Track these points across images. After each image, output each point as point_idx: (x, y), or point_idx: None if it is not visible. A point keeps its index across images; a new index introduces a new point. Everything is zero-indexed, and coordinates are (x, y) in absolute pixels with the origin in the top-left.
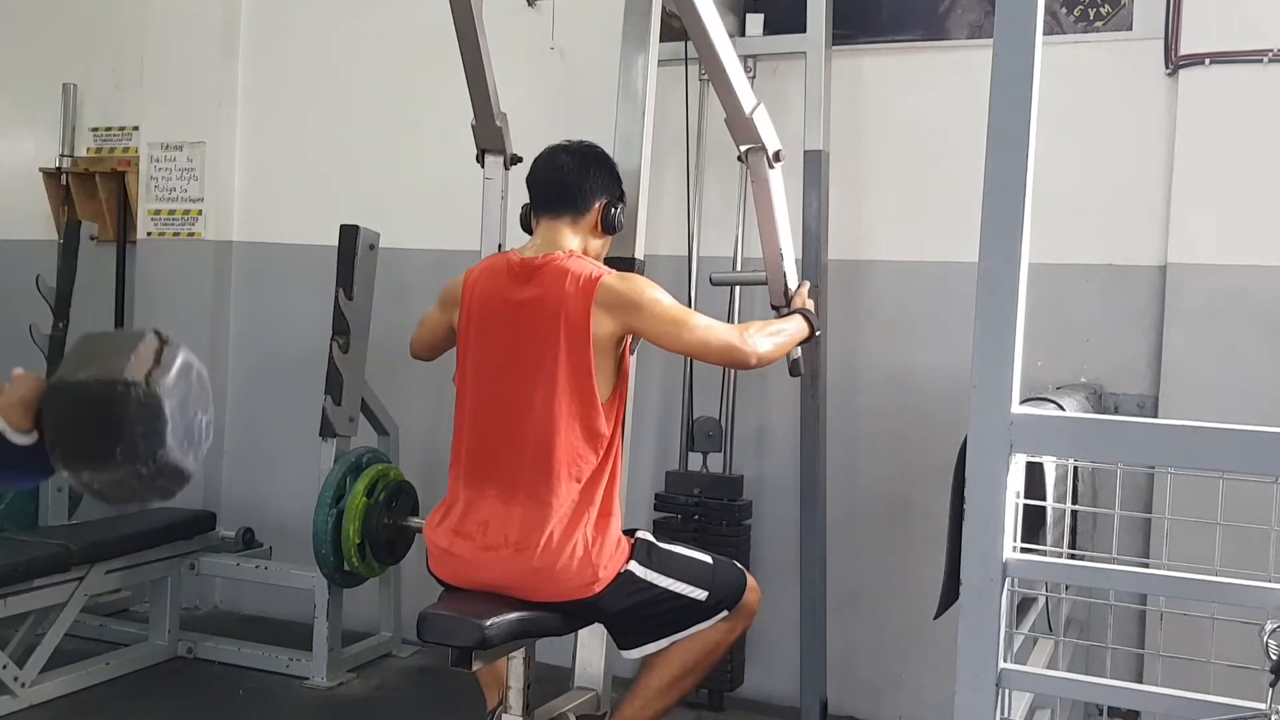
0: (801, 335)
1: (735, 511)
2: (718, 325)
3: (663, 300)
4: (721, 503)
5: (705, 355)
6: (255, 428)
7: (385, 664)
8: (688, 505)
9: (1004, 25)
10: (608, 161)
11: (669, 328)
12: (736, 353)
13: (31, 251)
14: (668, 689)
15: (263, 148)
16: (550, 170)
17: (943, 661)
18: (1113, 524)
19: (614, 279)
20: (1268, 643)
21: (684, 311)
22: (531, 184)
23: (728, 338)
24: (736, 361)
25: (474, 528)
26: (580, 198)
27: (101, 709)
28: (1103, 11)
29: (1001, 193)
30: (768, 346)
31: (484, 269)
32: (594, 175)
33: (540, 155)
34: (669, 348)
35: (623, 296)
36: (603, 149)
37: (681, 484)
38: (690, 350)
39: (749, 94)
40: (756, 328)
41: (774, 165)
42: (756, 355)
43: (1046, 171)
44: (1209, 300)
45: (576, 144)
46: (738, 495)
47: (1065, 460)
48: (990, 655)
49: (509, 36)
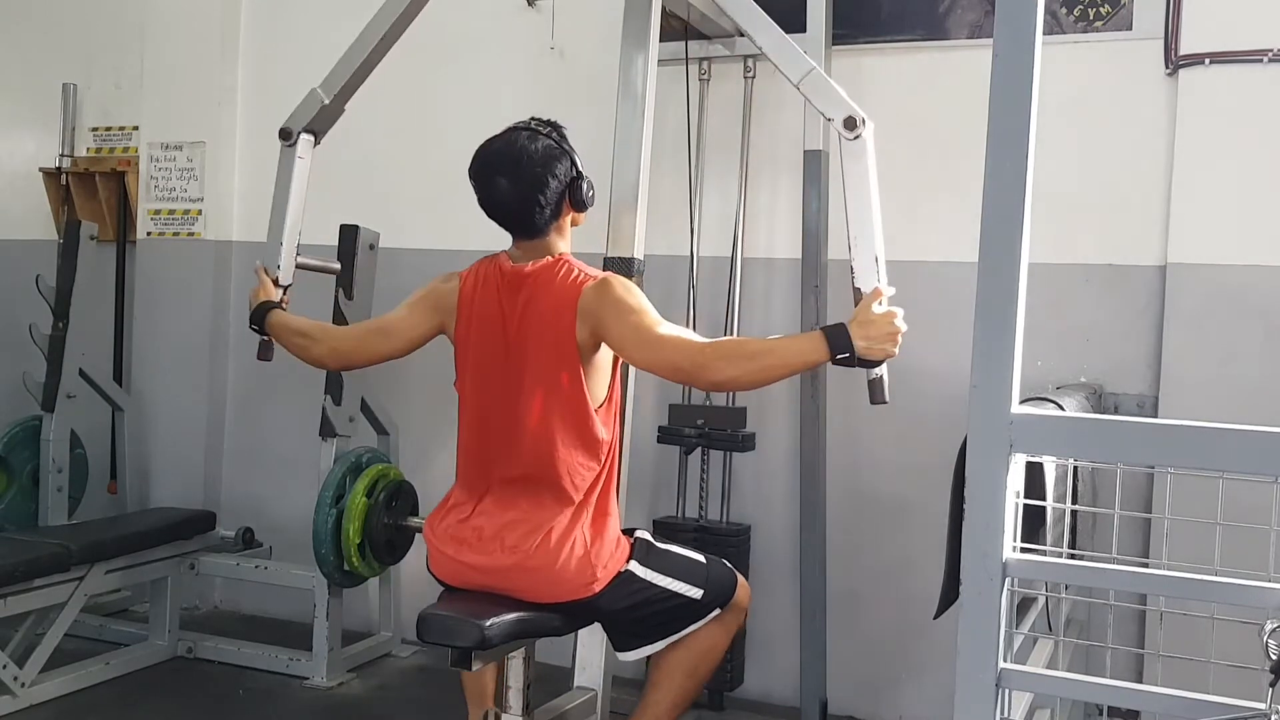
0: (806, 359)
1: (739, 441)
2: (676, 343)
3: (634, 311)
4: (725, 433)
5: (659, 374)
6: (255, 428)
7: (385, 664)
8: (691, 437)
9: (1004, 25)
10: (548, 157)
11: (628, 341)
12: (683, 374)
13: (31, 251)
14: (675, 703)
15: (263, 148)
16: (502, 207)
17: (943, 661)
18: (1113, 524)
19: (592, 286)
20: (1268, 643)
21: (648, 326)
22: (489, 215)
23: (676, 359)
24: (686, 382)
25: (472, 530)
26: (543, 219)
27: (101, 709)
28: (1103, 11)
29: (1001, 193)
30: (732, 372)
31: (478, 277)
32: (547, 189)
33: (477, 182)
34: (630, 362)
35: (593, 303)
36: (540, 143)
37: (685, 416)
38: (645, 367)
39: (798, 61)
40: (733, 347)
41: (847, 136)
42: (708, 380)
43: (1046, 171)
44: (1209, 300)
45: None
46: (741, 426)
47: (1065, 460)
48: (990, 655)
49: (509, 36)
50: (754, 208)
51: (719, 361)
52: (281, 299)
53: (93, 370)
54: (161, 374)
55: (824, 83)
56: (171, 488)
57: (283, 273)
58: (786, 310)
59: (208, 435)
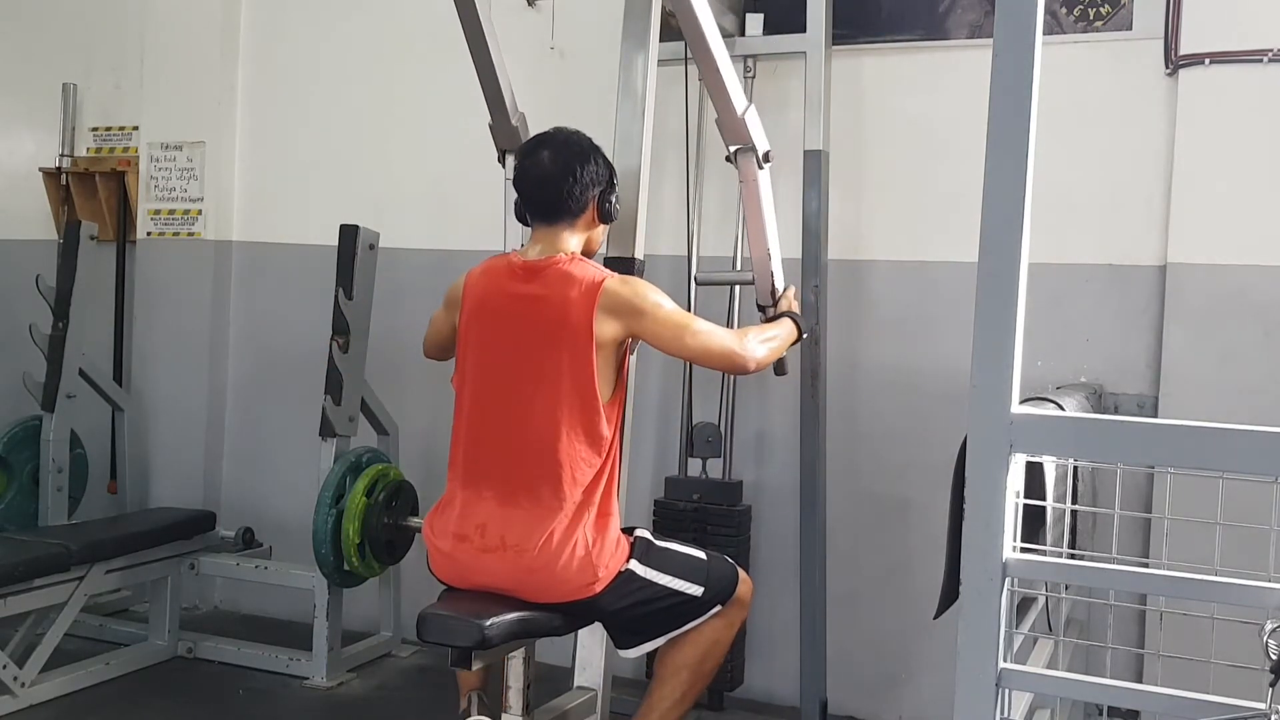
0: (791, 339)
1: (735, 517)
2: (717, 331)
3: (664, 305)
4: (721, 508)
5: (706, 361)
6: (255, 428)
7: (385, 664)
8: (687, 511)
9: (1004, 25)
10: (593, 151)
11: (671, 332)
12: (736, 358)
13: (31, 251)
14: (681, 699)
15: (263, 148)
16: (537, 179)
17: (943, 661)
18: (1113, 524)
19: (617, 283)
20: (1268, 643)
21: (685, 316)
22: (520, 191)
23: (727, 343)
24: (735, 367)
25: (472, 530)
26: (572, 202)
27: (101, 709)
28: (1103, 11)
29: (1001, 193)
30: (763, 352)
31: (484, 271)
32: (582, 174)
33: (522, 154)
34: (671, 352)
35: (625, 301)
36: (586, 138)
37: (681, 489)
38: (691, 355)
39: (740, 95)
40: (754, 333)
41: (763, 166)
42: (755, 361)
43: (1046, 171)
44: (1209, 300)
45: (560, 139)
46: (737, 501)
47: (1065, 460)
48: (990, 655)
49: (509, 36)
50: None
51: (755, 344)
52: None
53: (93, 370)
54: (161, 374)
55: (757, 118)
56: (171, 488)
57: None
58: None
59: (208, 435)
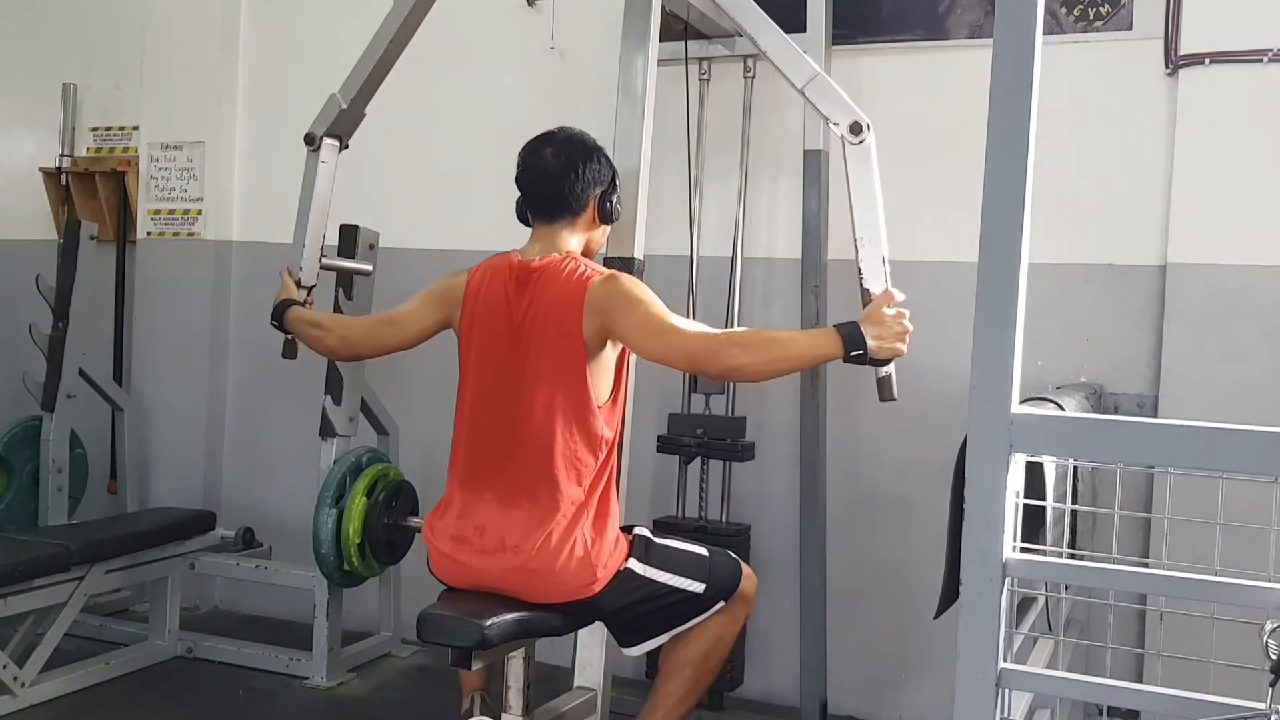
0: (819, 353)
1: (739, 451)
2: (688, 331)
3: (643, 303)
4: (724, 443)
5: (671, 364)
6: (255, 428)
7: (385, 664)
8: (690, 447)
9: (1004, 25)
10: (596, 151)
11: (639, 332)
12: (697, 360)
13: (31, 251)
14: (686, 695)
15: (263, 148)
16: (539, 175)
17: (943, 661)
18: (1113, 524)
19: (599, 281)
20: (1268, 643)
21: (659, 316)
22: (522, 187)
23: (690, 346)
24: (698, 370)
25: (472, 531)
26: (573, 199)
27: (101, 709)
28: (1102, 11)
29: (1001, 193)
30: (746, 359)
31: (487, 271)
32: (584, 172)
33: (525, 153)
34: (641, 354)
35: (602, 299)
36: (589, 137)
37: (684, 425)
38: (657, 358)
39: (802, 66)
40: (748, 336)
41: (853, 140)
42: (721, 366)
43: (1046, 171)
44: (1209, 300)
45: (563, 137)
46: (740, 435)
47: (1065, 460)
48: (990, 655)
49: (509, 36)
50: (754, 208)
51: (733, 348)
52: (305, 300)
53: (93, 370)
54: (161, 374)
55: (829, 87)
56: (171, 488)
57: (305, 274)
58: (786, 310)
59: (208, 435)
